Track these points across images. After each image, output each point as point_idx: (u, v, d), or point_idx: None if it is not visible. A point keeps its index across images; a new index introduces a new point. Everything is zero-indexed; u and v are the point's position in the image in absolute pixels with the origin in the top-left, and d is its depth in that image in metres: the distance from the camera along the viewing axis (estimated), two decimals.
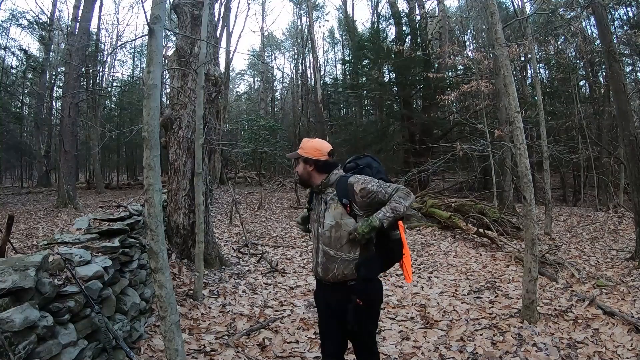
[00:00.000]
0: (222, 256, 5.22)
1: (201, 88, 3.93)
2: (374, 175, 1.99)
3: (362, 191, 1.86)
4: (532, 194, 3.42)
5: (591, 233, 7.45)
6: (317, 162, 1.96)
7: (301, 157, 1.98)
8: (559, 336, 3.00)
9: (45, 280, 1.94)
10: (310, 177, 1.99)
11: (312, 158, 1.96)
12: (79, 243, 2.64)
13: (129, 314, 2.71)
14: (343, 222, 1.87)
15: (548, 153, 8.07)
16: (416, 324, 3.32)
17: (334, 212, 1.90)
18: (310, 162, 1.97)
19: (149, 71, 1.87)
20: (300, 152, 1.99)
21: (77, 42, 10.92)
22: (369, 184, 1.87)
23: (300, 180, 2.04)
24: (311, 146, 1.99)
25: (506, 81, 3.64)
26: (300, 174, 2.00)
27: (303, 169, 1.99)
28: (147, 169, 1.86)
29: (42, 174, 18.06)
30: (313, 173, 1.98)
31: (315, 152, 1.96)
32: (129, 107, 19.85)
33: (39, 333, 1.80)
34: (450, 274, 4.90)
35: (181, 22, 4.92)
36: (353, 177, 1.91)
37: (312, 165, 1.97)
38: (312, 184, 2.00)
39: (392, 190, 1.89)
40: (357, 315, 1.86)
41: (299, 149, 2.00)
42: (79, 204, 10.72)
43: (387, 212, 1.84)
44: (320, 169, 1.97)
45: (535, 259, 3.35)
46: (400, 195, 1.88)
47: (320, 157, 1.96)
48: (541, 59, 14.17)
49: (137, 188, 16.56)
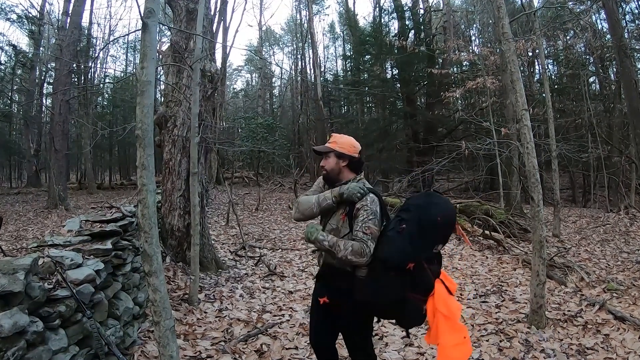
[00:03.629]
0: (219, 259, 5.22)
1: (197, 85, 3.93)
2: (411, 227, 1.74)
3: (357, 211, 1.85)
4: (540, 194, 3.41)
5: (601, 235, 7.44)
6: (352, 158, 1.99)
7: (334, 151, 1.99)
8: (568, 342, 3.00)
9: (35, 284, 1.94)
10: (340, 173, 2.00)
11: (348, 154, 1.98)
12: (70, 245, 2.63)
13: (122, 319, 2.71)
14: (342, 228, 1.89)
15: (557, 152, 8.07)
16: (420, 329, 3.32)
17: (338, 216, 1.92)
18: (345, 158, 1.99)
19: (143, 67, 1.87)
20: (333, 146, 1.99)
21: (68, 36, 10.91)
22: (367, 212, 1.83)
23: (328, 175, 2.04)
24: (347, 142, 2.01)
25: (513, 77, 3.64)
26: (331, 168, 2.01)
27: (335, 164, 1.99)
28: (141, 168, 1.86)
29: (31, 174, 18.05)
30: (345, 170, 2.00)
31: (351, 149, 1.99)
32: (122, 104, 19.86)
33: (29, 339, 1.80)
34: (455, 277, 4.89)
35: (176, 16, 4.92)
36: (369, 195, 1.88)
37: (347, 160, 1.99)
38: (340, 179, 2.01)
39: (361, 237, 1.80)
40: (349, 312, 1.91)
41: (331, 143, 2.01)
42: (70, 205, 10.72)
43: (330, 241, 1.84)
44: (353, 167, 2.00)
45: (544, 262, 3.35)
46: (356, 248, 1.79)
47: (354, 154, 2.00)
48: (549, 54, 14.17)
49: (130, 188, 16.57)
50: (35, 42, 17.47)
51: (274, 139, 15.63)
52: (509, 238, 6.36)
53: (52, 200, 10.44)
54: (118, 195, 13.91)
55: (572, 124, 12.69)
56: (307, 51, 24.32)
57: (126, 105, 19.10)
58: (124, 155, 21.65)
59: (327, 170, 2.02)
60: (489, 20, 16.39)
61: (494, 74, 10.82)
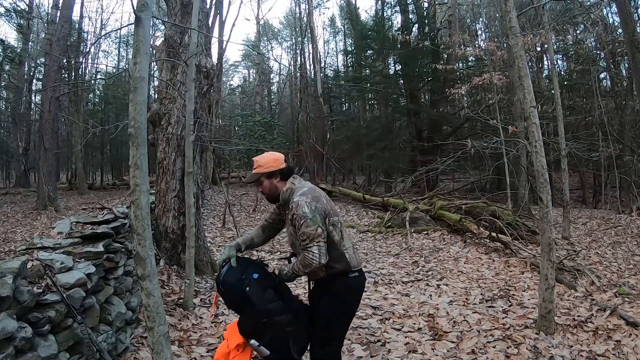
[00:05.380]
0: (215, 262, 5.21)
1: (192, 81, 3.93)
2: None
3: (292, 221, 2.02)
4: (549, 195, 3.42)
5: (613, 237, 7.44)
6: (281, 170, 2.12)
7: (263, 174, 2.12)
8: (578, 348, 3.00)
9: (23, 288, 1.94)
10: (277, 189, 2.14)
11: (276, 169, 2.12)
12: (60, 248, 2.64)
13: (114, 324, 2.71)
14: (296, 241, 2.09)
15: (566, 151, 8.07)
16: (424, 335, 3.32)
17: (289, 228, 2.10)
18: (275, 174, 2.12)
19: (136, 63, 1.88)
20: (260, 170, 2.12)
21: (58, 31, 10.91)
22: (297, 218, 1.97)
23: (269, 197, 2.18)
24: (269, 159, 2.14)
25: (521, 73, 3.64)
26: (269, 190, 2.15)
27: (270, 184, 2.13)
28: (134, 168, 1.86)
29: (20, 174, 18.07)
30: (279, 183, 2.13)
31: (275, 163, 2.12)
32: (114, 101, 19.87)
33: (17, 345, 1.80)
34: (461, 281, 4.90)
35: (170, 10, 4.92)
36: (292, 202, 2.03)
37: (278, 175, 2.12)
38: (280, 193, 2.14)
39: (303, 246, 1.97)
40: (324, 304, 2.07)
41: (256, 169, 2.13)
42: (60, 206, 10.72)
43: (290, 270, 2.07)
44: (285, 176, 2.13)
45: (553, 265, 3.35)
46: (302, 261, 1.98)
47: (281, 166, 2.13)
48: (559, 49, 14.17)
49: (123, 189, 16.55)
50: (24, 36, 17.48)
51: (272, 137, 15.65)
52: (516, 240, 6.36)
53: (41, 201, 10.44)
54: (110, 196, 13.90)
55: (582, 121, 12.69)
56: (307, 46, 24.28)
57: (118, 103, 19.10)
58: (116, 154, 21.65)
59: (267, 193, 2.17)
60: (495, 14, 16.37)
61: (501, 69, 10.81)
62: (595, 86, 11.99)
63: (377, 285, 4.73)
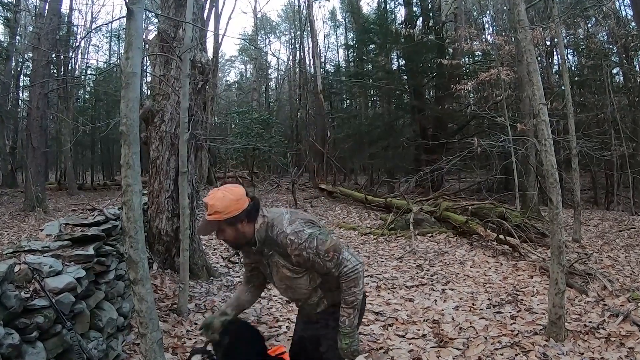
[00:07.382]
0: (210, 266, 5.22)
1: (186, 76, 3.94)
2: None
3: (297, 258, 1.74)
4: (559, 195, 3.42)
5: (626, 240, 7.44)
6: (245, 211, 1.75)
7: (223, 221, 1.73)
8: (589, 356, 3.00)
9: (10, 293, 1.94)
10: (245, 234, 1.78)
11: (239, 212, 1.74)
12: (48, 251, 2.63)
13: (105, 330, 2.71)
14: (294, 276, 1.82)
15: (577, 150, 8.07)
16: (428, 342, 3.32)
17: (281, 274, 1.83)
18: (239, 218, 1.74)
19: (128, 57, 1.88)
20: (218, 217, 1.72)
21: (47, 24, 10.90)
22: (303, 251, 1.72)
23: (236, 245, 1.88)
24: (227, 201, 1.73)
25: (530, 69, 3.64)
26: (234, 238, 1.79)
27: (235, 232, 1.77)
28: (126, 167, 1.86)
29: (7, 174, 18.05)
30: (246, 227, 1.77)
31: (237, 205, 1.74)
32: (105, 98, 19.85)
33: (4, 352, 1.80)
34: (467, 285, 4.90)
35: (164, 3, 4.92)
36: (289, 230, 1.73)
37: (245, 218, 1.76)
38: (249, 237, 1.79)
39: (336, 264, 1.74)
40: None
41: (212, 215, 1.72)
42: (49, 207, 10.72)
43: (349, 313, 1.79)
44: (251, 217, 1.77)
45: (563, 269, 3.35)
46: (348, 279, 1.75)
47: (244, 205, 1.76)
48: (569, 43, 14.17)
49: (114, 189, 16.55)
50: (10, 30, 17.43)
51: (270, 135, 15.64)
52: (525, 243, 6.36)
53: (29, 202, 10.43)
54: (101, 197, 13.91)
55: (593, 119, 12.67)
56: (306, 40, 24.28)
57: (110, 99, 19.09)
58: (107, 153, 21.64)
59: (232, 242, 1.84)
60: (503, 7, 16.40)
61: (509, 65, 10.82)
62: (608, 82, 11.98)
63: (380, 290, 4.74)
